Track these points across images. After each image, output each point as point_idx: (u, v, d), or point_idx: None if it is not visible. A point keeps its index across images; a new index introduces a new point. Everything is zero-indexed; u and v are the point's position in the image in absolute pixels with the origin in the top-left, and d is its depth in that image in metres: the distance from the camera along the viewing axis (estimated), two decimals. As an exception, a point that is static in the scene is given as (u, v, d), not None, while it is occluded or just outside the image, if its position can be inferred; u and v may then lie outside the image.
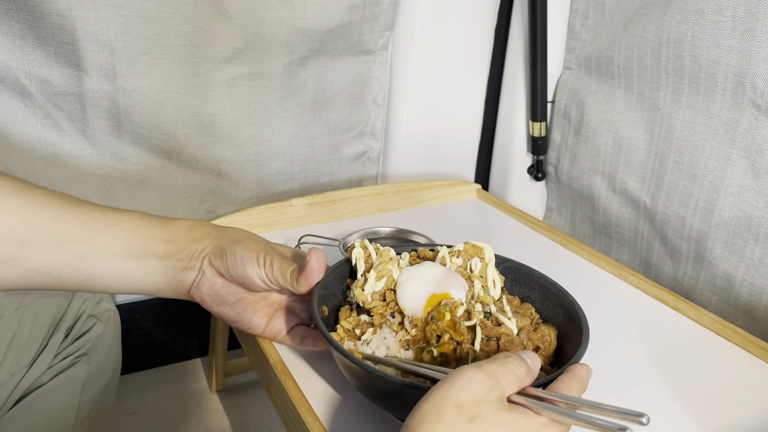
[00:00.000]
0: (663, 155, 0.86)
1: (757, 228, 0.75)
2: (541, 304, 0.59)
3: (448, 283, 0.55)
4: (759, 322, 0.76)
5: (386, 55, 1.02)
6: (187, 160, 0.92)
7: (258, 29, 0.88)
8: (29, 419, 0.58)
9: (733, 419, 0.55)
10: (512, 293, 0.61)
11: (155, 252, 0.56)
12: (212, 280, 0.58)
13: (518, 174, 1.13)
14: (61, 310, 0.66)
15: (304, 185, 1.04)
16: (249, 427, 0.96)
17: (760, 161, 0.74)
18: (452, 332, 0.51)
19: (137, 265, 0.55)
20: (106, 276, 0.54)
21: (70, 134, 0.84)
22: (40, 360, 0.62)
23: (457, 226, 0.95)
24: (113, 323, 0.71)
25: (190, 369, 1.08)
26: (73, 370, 0.63)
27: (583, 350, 0.49)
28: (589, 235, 1.05)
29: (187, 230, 0.57)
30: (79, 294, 0.68)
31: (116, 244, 0.54)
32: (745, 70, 0.73)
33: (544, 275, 0.60)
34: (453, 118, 1.11)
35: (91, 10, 0.76)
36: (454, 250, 0.59)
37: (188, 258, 0.57)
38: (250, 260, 0.56)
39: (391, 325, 0.54)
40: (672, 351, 0.65)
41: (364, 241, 0.59)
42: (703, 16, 0.76)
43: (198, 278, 0.57)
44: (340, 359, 0.50)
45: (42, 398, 0.60)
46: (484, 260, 0.58)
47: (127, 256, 0.54)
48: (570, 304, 0.55)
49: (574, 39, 1.00)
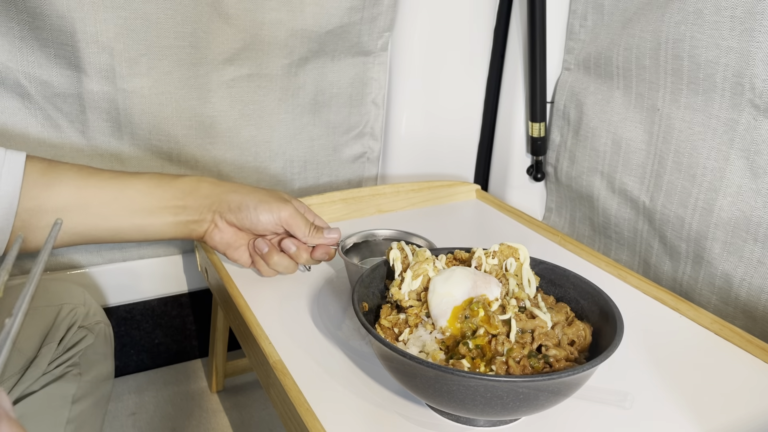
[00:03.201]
0: (662, 155, 0.86)
1: (756, 228, 0.75)
2: (576, 303, 0.60)
3: (482, 285, 0.56)
4: (758, 321, 0.76)
5: (386, 56, 1.03)
6: (186, 161, 0.92)
7: (257, 30, 0.88)
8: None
9: (732, 419, 0.55)
10: (548, 293, 0.62)
11: (167, 209, 0.66)
12: (224, 230, 0.70)
13: (518, 174, 1.13)
14: (51, 321, 0.66)
15: (303, 186, 1.04)
16: (249, 427, 0.96)
17: (759, 161, 0.74)
18: (487, 326, 0.52)
19: (153, 219, 0.66)
20: (128, 231, 0.65)
21: (70, 135, 0.84)
22: (32, 368, 0.62)
23: (457, 227, 0.95)
24: (104, 336, 0.71)
25: (190, 370, 1.08)
26: (64, 381, 0.63)
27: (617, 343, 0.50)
28: (588, 236, 1.05)
29: (192, 188, 0.68)
30: (68, 305, 0.69)
31: (133, 204, 0.65)
32: (744, 71, 0.73)
33: (580, 275, 0.60)
34: (452, 119, 1.12)
35: (91, 11, 0.76)
36: (489, 251, 0.60)
37: (198, 212, 0.68)
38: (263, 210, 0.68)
39: (425, 324, 0.55)
40: (671, 351, 0.65)
41: (401, 243, 0.62)
42: (702, 16, 0.76)
43: (210, 229, 0.69)
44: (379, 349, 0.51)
45: (32, 409, 0.60)
46: (519, 260, 0.59)
47: (144, 214, 0.65)
48: (605, 302, 0.56)
49: (573, 39, 1.00)
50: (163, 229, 0.67)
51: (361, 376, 0.59)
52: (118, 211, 0.64)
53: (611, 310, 0.55)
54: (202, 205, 0.68)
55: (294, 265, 0.72)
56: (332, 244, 0.72)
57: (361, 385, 0.58)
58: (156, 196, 0.66)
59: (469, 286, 0.56)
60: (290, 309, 0.70)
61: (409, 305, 0.57)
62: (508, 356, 0.50)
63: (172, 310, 1.04)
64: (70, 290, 0.71)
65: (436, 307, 0.55)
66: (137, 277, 0.96)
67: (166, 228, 0.67)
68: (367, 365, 0.61)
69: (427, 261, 0.59)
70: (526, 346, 0.51)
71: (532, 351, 0.51)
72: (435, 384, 0.48)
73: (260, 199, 0.68)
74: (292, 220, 0.69)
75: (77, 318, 0.68)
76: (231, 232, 0.70)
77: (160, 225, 0.66)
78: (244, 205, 0.68)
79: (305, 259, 0.72)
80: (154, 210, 0.65)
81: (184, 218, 0.67)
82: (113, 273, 0.93)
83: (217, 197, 0.68)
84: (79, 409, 0.63)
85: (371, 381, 0.59)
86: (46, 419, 0.60)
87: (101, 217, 0.63)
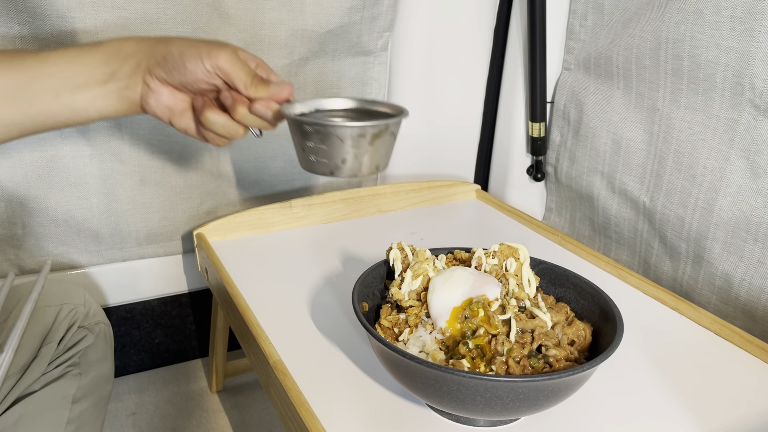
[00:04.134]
0: (662, 155, 0.86)
1: (756, 228, 0.75)
2: (576, 303, 0.60)
3: (481, 285, 0.56)
4: (758, 321, 0.76)
5: (386, 56, 1.03)
6: (186, 161, 0.92)
7: (257, 30, 0.88)
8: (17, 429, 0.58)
9: (732, 419, 0.55)
10: (548, 293, 0.62)
11: (94, 78, 0.57)
12: (158, 91, 0.59)
13: (518, 174, 1.13)
14: (51, 321, 0.66)
15: (303, 186, 1.04)
16: (249, 427, 0.96)
17: (759, 161, 0.74)
18: (486, 326, 0.52)
19: (82, 96, 0.57)
20: (59, 113, 0.57)
21: (70, 135, 0.84)
22: (32, 368, 0.62)
23: (457, 227, 0.95)
24: (104, 336, 0.71)
25: (190, 370, 1.08)
26: (64, 381, 0.63)
27: (617, 343, 0.50)
28: (588, 236, 1.05)
29: (117, 49, 0.58)
30: (68, 305, 0.68)
31: (55, 82, 0.56)
32: (744, 71, 0.73)
33: (580, 275, 0.60)
34: (452, 119, 1.12)
35: (91, 11, 0.76)
36: (489, 251, 0.60)
37: (127, 76, 0.58)
38: (190, 56, 0.56)
39: (425, 324, 0.56)
40: (671, 351, 0.65)
41: (401, 243, 0.61)
42: (702, 16, 0.76)
43: (144, 93, 0.59)
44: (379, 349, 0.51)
45: (32, 409, 0.60)
46: (519, 260, 0.59)
47: (70, 91, 0.57)
48: (605, 302, 0.56)
49: (573, 39, 1.00)
50: (95, 104, 0.58)
51: (361, 376, 0.59)
52: (40, 93, 0.56)
53: (611, 310, 0.55)
54: (130, 67, 0.58)
55: (235, 125, 0.60)
56: (278, 100, 0.60)
57: (361, 385, 0.58)
58: (78, 67, 0.57)
59: (469, 286, 0.56)
60: (290, 309, 0.70)
61: (409, 305, 0.57)
62: (508, 356, 0.50)
63: (172, 310, 1.04)
64: (70, 290, 0.71)
65: (435, 308, 0.55)
66: (137, 277, 0.96)
67: (99, 102, 0.58)
68: (367, 365, 0.61)
69: (427, 261, 0.59)
70: (526, 346, 0.51)
71: (532, 351, 0.51)
72: (435, 384, 0.48)
73: (189, 45, 0.57)
74: (229, 67, 0.57)
75: (77, 318, 0.68)
76: (167, 92, 0.59)
77: (90, 100, 0.57)
78: (170, 55, 0.57)
79: (243, 114, 0.59)
80: (79, 84, 0.57)
81: (113, 86, 0.58)
82: (113, 273, 0.93)
83: (143, 53, 0.58)
84: (79, 409, 0.63)
85: (371, 381, 0.59)
86: (46, 419, 0.60)
87: (26, 102, 0.56)
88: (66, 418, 0.61)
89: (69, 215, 0.87)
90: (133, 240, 0.93)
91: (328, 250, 0.85)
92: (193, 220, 0.96)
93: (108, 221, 0.90)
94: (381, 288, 0.62)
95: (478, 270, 0.59)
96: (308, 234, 0.90)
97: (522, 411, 0.49)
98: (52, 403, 0.61)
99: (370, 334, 0.51)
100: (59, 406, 0.62)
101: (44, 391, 0.61)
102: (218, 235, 0.87)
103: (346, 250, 0.85)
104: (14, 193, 0.83)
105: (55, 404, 0.61)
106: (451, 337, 0.54)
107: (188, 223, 0.96)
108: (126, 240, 0.93)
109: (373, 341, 0.51)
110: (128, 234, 0.92)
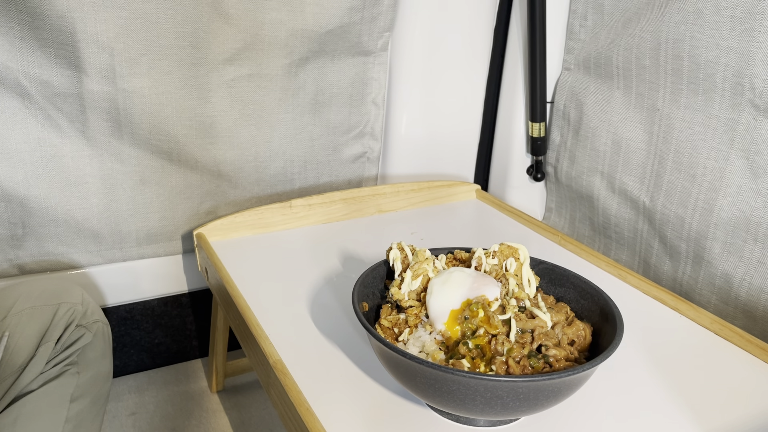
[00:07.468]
0: (662, 155, 0.86)
1: (755, 228, 0.75)
2: (576, 303, 0.60)
3: (480, 286, 0.56)
4: (758, 321, 0.76)
5: (386, 56, 1.03)
6: (186, 161, 0.92)
7: (257, 30, 0.88)
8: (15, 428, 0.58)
9: (732, 418, 0.56)
10: (548, 293, 0.62)
11: None
12: None
13: (518, 174, 1.13)
14: (48, 320, 0.66)
15: (303, 186, 1.04)
16: (249, 427, 0.96)
17: (759, 161, 0.74)
18: (486, 326, 0.52)
19: None
20: None
21: (70, 135, 0.84)
22: (30, 367, 0.62)
23: (457, 227, 0.95)
24: (102, 335, 0.70)
25: (190, 370, 1.08)
26: (62, 379, 0.63)
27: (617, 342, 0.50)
28: (588, 236, 1.05)
29: None
30: (66, 304, 0.68)
31: None
32: (744, 71, 0.73)
33: (580, 275, 0.60)
34: (452, 119, 1.12)
35: (91, 11, 0.76)
36: (489, 251, 0.60)
37: None
38: None
39: (425, 325, 0.56)
40: (671, 351, 0.65)
41: (401, 243, 0.62)
42: (702, 16, 0.76)
43: None
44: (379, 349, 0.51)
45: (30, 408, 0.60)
46: (519, 260, 0.59)
47: None
48: (605, 302, 0.56)
49: (573, 39, 1.00)
50: None
51: (361, 376, 0.59)
52: None
53: (611, 310, 0.55)
54: None
55: None
56: None
57: (361, 385, 0.58)
58: None
59: (467, 288, 0.56)
60: (290, 309, 0.70)
61: (409, 305, 0.57)
62: (508, 356, 0.50)
63: (172, 310, 1.04)
64: (68, 289, 0.71)
65: (433, 310, 0.55)
66: (137, 277, 0.96)
67: None
68: (367, 365, 0.61)
69: (427, 261, 0.59)
70: (526, 346, 0.51)
71: (532, 351, 0.51)
72: (435, 384, 0.48)
73: None
74: None
75: (75, 317, 0.68)
76: None
77: None
78: None
79: None
80: None
81: None
82: (113, 273, 0.93)
83: None
84: (78, 407, 0.63)
85: (371, 381, 0.59)
86: (45, 418, 0.60)
87: None
88: (64, 416, 0.61)
89: (69, 215, 0.87)
90: (133, 240, 0.93)
91: (328, 250, 0.85)
92: (193, 220, 0.96)
93: (108, 221, 0.90)
94: (381, 288, 0.62)
95: (478, 270, 0.59)
96: (308, 234, 0.91)
97: (522, 411, 0.49)
98: (50, 402, 0.61)
99: (370, 334, 0.51)
100: (57, 405, 0.61)
101: (42, 390, 0.61)
102: (218, 235, 0.87)
103: (345, 250, 0.85)
104: (14, 193, 0.83)
105: (53, 403, 0.61)
106: (450, 338, 0.54)
107: (188, 223, 0.96)
108: (126, 240, 0.93)
109: (373, 341, 0.51)
110: (128, 234, 0.92)
